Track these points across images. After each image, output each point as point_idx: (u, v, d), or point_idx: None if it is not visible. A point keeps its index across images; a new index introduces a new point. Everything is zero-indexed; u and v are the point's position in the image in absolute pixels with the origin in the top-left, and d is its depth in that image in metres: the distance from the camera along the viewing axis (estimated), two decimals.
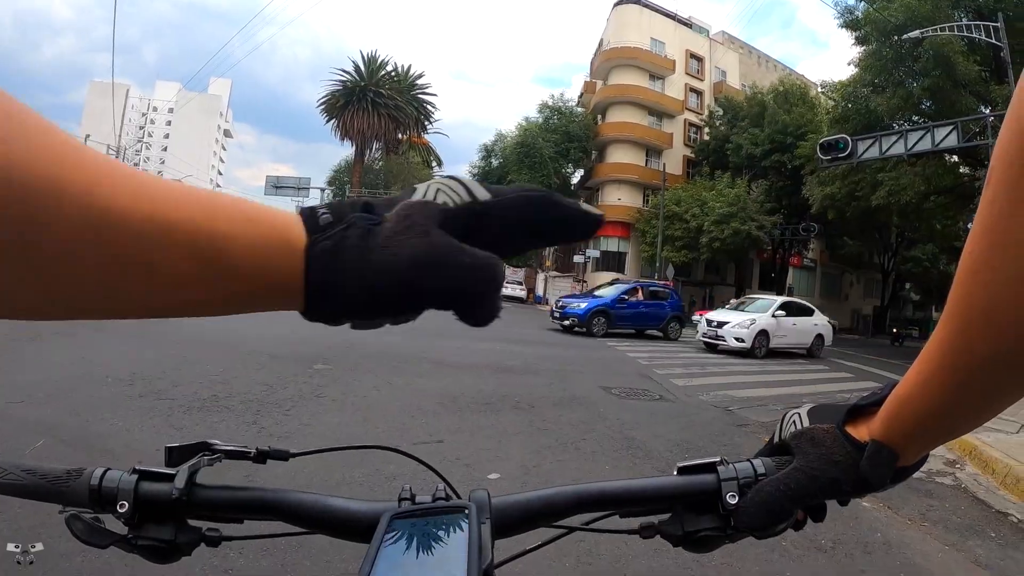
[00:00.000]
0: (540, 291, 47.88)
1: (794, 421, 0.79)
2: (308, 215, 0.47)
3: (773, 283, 49.20)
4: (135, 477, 0.71)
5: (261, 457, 0.79)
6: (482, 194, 0.51)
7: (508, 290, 46.69)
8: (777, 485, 0.71)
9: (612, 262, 50.71)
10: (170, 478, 0.70)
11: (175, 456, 0.75)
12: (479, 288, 0.48)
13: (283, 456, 0.81)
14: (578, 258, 50.64)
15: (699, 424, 7.98)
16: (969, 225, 0.53)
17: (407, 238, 0.46)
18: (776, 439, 0.80)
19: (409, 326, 0.53)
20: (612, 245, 51.04)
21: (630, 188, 51.33)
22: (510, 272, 53.81)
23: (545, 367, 11.45)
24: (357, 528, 0.72)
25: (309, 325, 0.53)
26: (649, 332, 24.04)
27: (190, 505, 0.71)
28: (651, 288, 25.29)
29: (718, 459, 0.77)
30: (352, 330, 0.54)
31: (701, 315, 24.66)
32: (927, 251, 47.25)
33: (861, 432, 0.71)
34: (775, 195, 40.68)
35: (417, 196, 0.50)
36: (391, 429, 6.11)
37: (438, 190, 0.51)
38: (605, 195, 52.74)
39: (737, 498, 0.72)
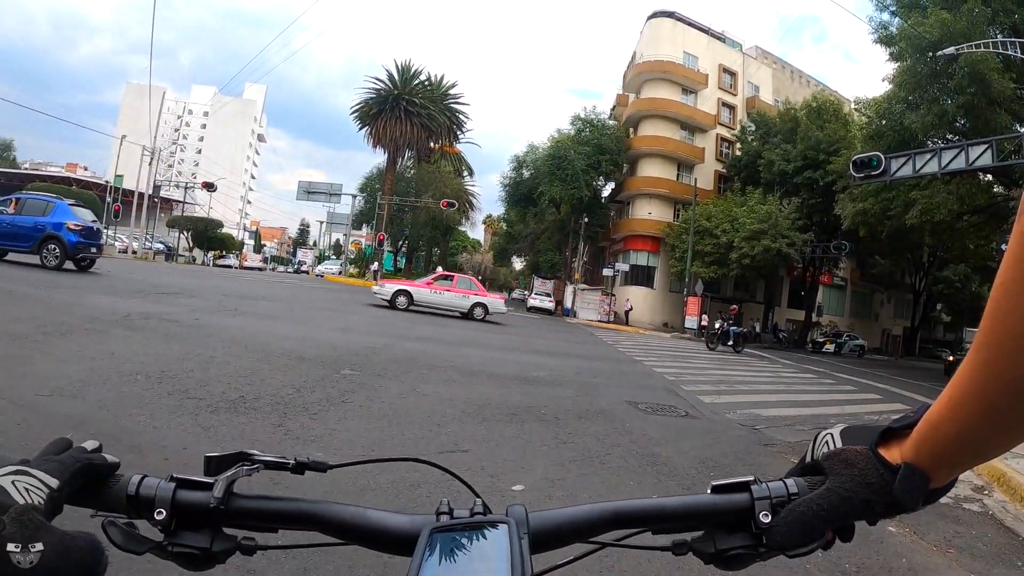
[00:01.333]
0: (568, 303, 47.80)
1: (827, 441, 0.79)
2: None
3: (803, 301, 48.90)
4: (173, 485, 0.72)
5: (300, 468, 0.79)
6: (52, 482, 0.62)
7: (537, 301, 46.77)
8: (810, 505, 0.71)
9: (641, 276, 50.75)
10: (208, 487, 0.72)
11: (213, 466, 0.76)
12: None
13: (322, 468, 0.81)
14: (607, 271, 50.67)
15: (725, 442, 7.91)
16: (1003, 247, 0.53)
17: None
18: (808, 459, 0.80)
19: (436, 334, 0.52)
20: (641, 259, 51.09)
21: (661, 202, 51.36)
22: (539, 284, 53.93)
23: (571, 379, 11.41)
24: (396, 541, 0.73)
25: (338, 330, 0.53)
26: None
27: (227, 514, 0.73)
28: None
29: (751, 478, 0.77)
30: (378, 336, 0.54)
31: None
32: (959, 272, 46.80)
33: (893, 454, 0.71)
34: (807, 212, 40.47)
35: None
36: (416, 437, 6.10)
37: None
38: (635, 209, 52.85)
39: (770, 517, 0.73)
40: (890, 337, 55.74)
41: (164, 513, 0.70)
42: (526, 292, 67.63)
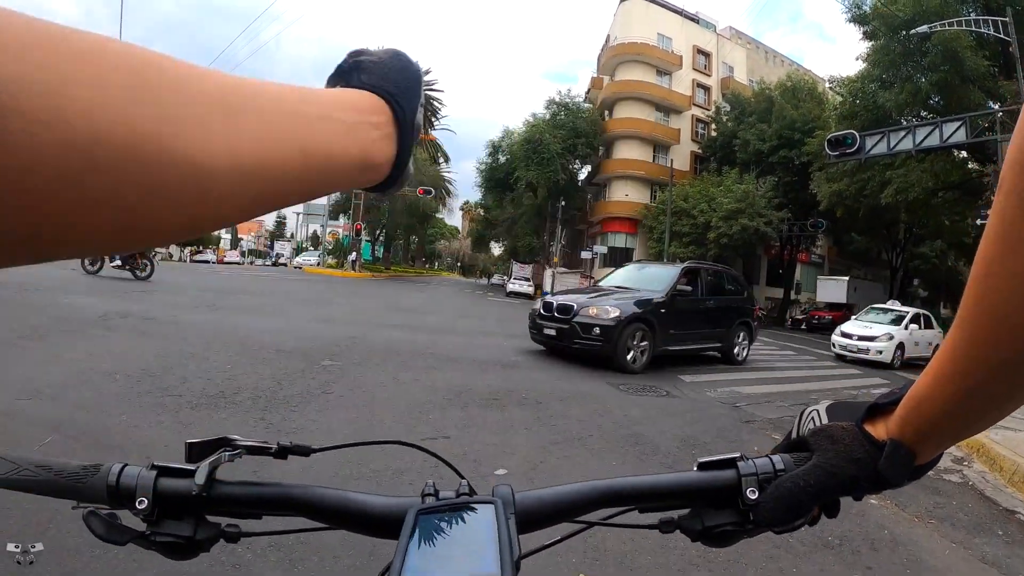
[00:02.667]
0: (547, 287, 47.83)
1: (812, 418, 0.80)
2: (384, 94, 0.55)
3: (781, 279, 49.14)
4: (154, 473, 0.71)
5: (282, 452, 0.79)
6: None
7: (516, 286, 46.79)
8: (796, 481, 0.71)
9: (620, 258, 50.65)
10: (189, 474, 0.71)
11: (195, 452, 0.75)
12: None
13: (304, 452, 0.81)
14: (585, 254, 50.67)
15: (706, 420, 7.97)
16: (979, 222, 0.53)
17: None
18: (794, 435, 0.81)
19: (416, 322, 0.53)
20: (619, 241, 51.14)
21: (637, 184, 51.40)
22: (518, 269, 53.81)
23: (551, 363, 11.43)
24: (382, 524, 0.73)
25: (316, 321, 0.54)
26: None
27: (210, 501, 0.71)
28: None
29: (738, 455, 0.77)
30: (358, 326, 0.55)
31: None
32: (935, 247, 46.96)
33: (879, 431, 0.72)
34: (783, 191, 40.59)
35: None
36: (398, 424, 6.11)
37: None
38: (612, 191, 52.90)
39: (757, 493, 0.73)
40: None
41: (146, 502, 0.69)
42: (505, 277, 67.51)
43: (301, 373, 7.91)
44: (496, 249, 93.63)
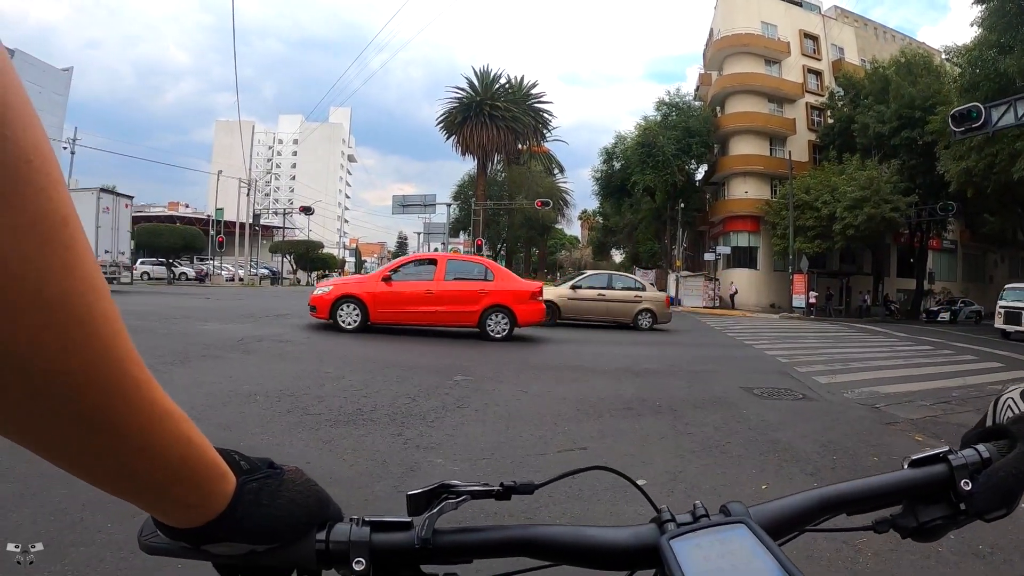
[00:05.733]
0: (672, 292, 46.97)
1: (1009, 405, 0.80)
2: (228, 457, 0.62)
3: (912, 269, 47.18)
4: (367, 529, 0.69)
5: (507, 493, 0.74)
6: None
7: None
8: (1009, 469, 0.72)
9: (744, 258, 49.74)
10: (406, 526, 0.69)
11: (419, 502, 0.72)
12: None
13: (528, 489, 0.75)
14: (708, 256, 49.85)
15: (845, 423, 7.72)
16: None
17: (305, 488, 0.68)
18: (990, 422, 0.81)
19: (537, 334, 0.50)
20: (742, 240, 50.16)
21: (756, 180, 50.29)
22: (641, 275, 53.45)
23: (683, 368, 11.32)
24: (619, 556, 0.71)
25: (443, 344, 0.53)
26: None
27: (426, 553, 0.69)
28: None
29: (947, 448, 0.77)
30: None
31: None
32: None
33: None
34: (908, 174, 39.15)
35: None
36: (534, 438, 6.12)
37: None
38: (731, 189, 51.99)
39: (970, 485, 0.74)
40: None
41: (364, 563, 0.66)
42: None
43: (435, 389, 8.06)
44: (617, 256, 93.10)
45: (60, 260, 0.36)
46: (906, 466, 0.78)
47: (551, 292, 19.78)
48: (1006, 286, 26.26)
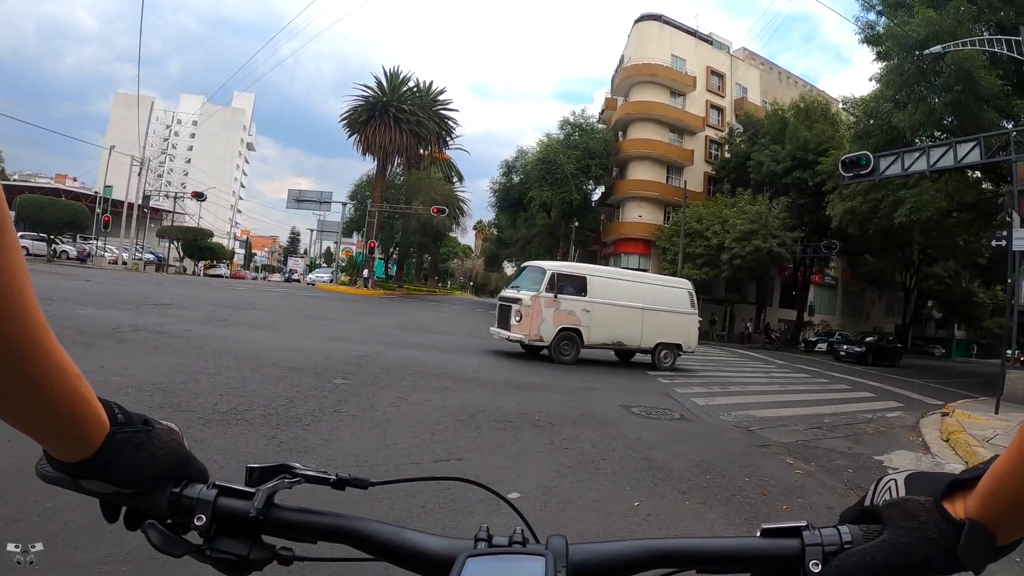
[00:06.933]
0: None
1: (889, 488, 0.75)
2: (108, 408, 0.71)
3: (794, 301, 49.04)
4: (214, 492, 0.76)
5: (340, 484, 0.81)
6: None
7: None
8: (863, 557, 0.67)
9: None
10: (248, 495, 0.76)
11: (255, 476, 0.79)
12: None
13: (363, 485, 0.83)
14: None
15: (720, 444, 7.90)
16: (993, 243, 0.49)
17: (169, 446, 0.77)
18: (867, 503, 0.76)
19: (428, 341, 0.51)
20: (633, 263, 50.94)
21: (651, 205, 51.49)
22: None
23: (564, 385, 11.39)
24: (432, 564, 0.74)
25: (329, 339, 0.52)
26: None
27: (266, 524, 0.76)
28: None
29: (804, 523, 0.73)
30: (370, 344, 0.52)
31: None
32: (949, 268, 46.81)
33: (958, 508, 0.67)
34: (796, 212, 40.76)
35: None
36: (411, 446, 6.05)
37: None
38: (625, 212, 52.97)
39: (820, 567, 0.69)
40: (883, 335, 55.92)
41: (204, 519, 0.74)
42: None
43: (313, 391, 7.89)
44: (509, 269, 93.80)
45: None
46: (758, 534, 0.75)
47: None
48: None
